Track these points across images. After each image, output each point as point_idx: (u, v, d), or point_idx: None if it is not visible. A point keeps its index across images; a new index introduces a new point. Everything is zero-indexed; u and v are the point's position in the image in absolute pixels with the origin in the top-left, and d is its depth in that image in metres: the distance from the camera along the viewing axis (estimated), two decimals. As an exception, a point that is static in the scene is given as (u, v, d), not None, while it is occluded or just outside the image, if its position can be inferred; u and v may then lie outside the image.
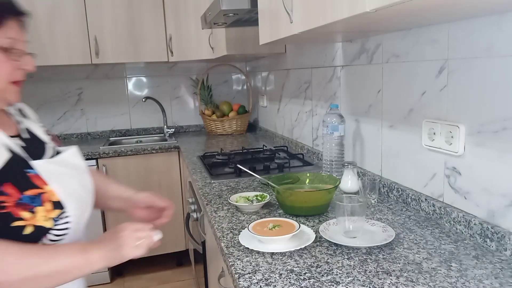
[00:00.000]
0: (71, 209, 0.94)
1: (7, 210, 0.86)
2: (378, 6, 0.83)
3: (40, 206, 0.90)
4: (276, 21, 1.45)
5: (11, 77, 0.92)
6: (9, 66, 0.91)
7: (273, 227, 1.14)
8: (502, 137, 1.01)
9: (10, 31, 0.90)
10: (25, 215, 0.88)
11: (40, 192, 0.91)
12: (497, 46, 1.01)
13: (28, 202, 0.89)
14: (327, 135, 1.62)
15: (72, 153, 1.07)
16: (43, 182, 0.92)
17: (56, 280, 0.87)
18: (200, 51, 2.84)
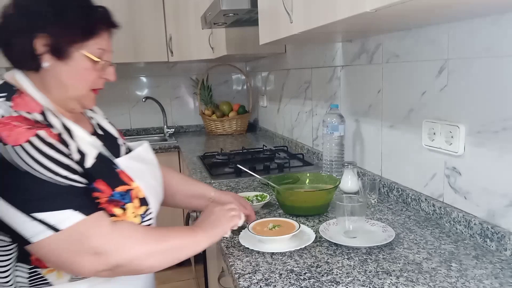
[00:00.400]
0: (152, 205, 0.97)
1: (101, 206, 0.89)
2: (378, 6, 0.83)
3: (130, 202, 0.92)
4: (276, 21, 1.45)
5: (93, 85, 0.96)
6: (94, 75, 0.94)
7: (273, 227, 1.14)
8: (502, 137, 1.01)
9: (102, 41, 0.93)
10: (117, 211, 0.90)
11: (128, 188, 0.93)
12: (497, 46, 1.01)
13: (119, 198, 0.91)
14: (327, 135, 1.62)
15: (144, 148, 1.10)
16: (130, 179, 0.94)
17: (169, 259, 0.91)
18: (200, 51, 2.84)
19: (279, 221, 1.18)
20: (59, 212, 0.80)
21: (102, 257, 0.83)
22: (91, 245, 0.82)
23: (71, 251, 0.82)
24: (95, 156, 0.92)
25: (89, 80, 0.94)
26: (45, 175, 0.81)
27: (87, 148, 0.92)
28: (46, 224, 0.80)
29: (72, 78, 0.92)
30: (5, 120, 0.81)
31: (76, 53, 0.90)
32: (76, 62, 0.91)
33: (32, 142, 0.81)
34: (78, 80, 0.92)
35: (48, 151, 0.82)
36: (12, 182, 0.79)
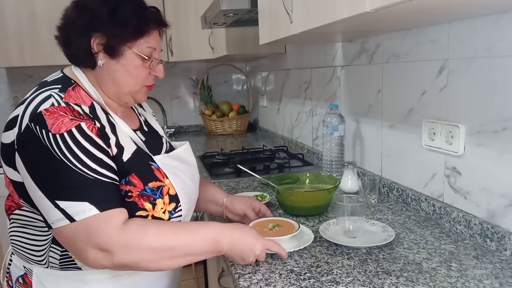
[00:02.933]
0: (183, 203, 1.00)
1: (132, 200, 0.93)
2: (378, 6, 0.83)
3: (160, 198, 0.96)
4: (276, 21, 1.45)
5: (144, 81, 1.02)
6: (144, 72, 1.00)
7: (273, 227, 1.13)
8: (502, 137, 1.01)
9: (152, 40, 0.99)
10: (147, 205, 0.94)
11: (160, 185, 0.97)
12: (497, 46, 1.01)
13: (150, 193, 0.95)
14: (327, 135, 1.62)
15: (184, 148, 1.15)
16: (163, 176, 0.98)
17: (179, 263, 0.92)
18: (200, 51, 2.84)
19: (278, 221, 1.17)
20: (78, 203, 0.84)
21: (107, 254, 0.85)
22: (97, 241, 0.84)
23: (81, 242, 0.85)
24: (133, 151, 0.97)
25: (140, 77, 1.00)
26: (76, 165, 0.85)
27: (127, 142, 0.97)
28: (65, 213, 0.84)
29: (124, 75, 0.98)
30: (54, 109, 0.87)
31: (128, 51, 0.96)
32: (128, 60, 0.97)
33: (72, 132, 0.86)
34: (130, 77, 0.99)
35: (84, 143, 0.87)
36: (46, 167, 0.85)
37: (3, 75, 3.13)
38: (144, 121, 1.15)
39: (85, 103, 0.93)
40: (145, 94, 1.05)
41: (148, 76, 1.02)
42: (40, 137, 0.84)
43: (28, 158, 0.86)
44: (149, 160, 0.99)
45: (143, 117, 1.16)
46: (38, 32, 2.71)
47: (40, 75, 3.10)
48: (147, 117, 1.18)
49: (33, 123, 0.85)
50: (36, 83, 1.01)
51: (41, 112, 0.86)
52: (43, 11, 2.71)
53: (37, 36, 2.71)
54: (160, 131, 1.17)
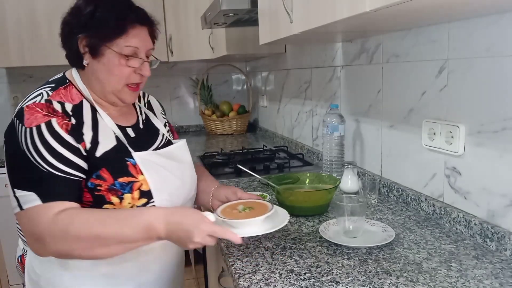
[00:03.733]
0: (160, 200, 1.02)
1: (101, 193, 0.97)
2: (378, 6, 0.83)
3: (129, 193, 0.98)
4: (276, 21, 1.45)
5: (128, 80, 1.03)
6: (127, 70, 1.02)
7: (243, 209, 1.06)
8: (502, 137, 1.01)
9: (132, 39, 1.00)
10: (115, 200, 0.97)
11: (132, 180, 1.00)
12: (497, 46, 1.01)
13: (119, 188, 0.98)
14: (327, 135, 1.62)
15: (178, 146, 1.18)
16: (138, 172, 1.01)
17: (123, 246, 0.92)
18: (200, 51, 2.84)
19: (252, 203, 1.09)
20: (27, 193, 0.90)
21: (41, 244, 0.90)
22: (34, 230, 0.90)
23: (25, 231, 0.92)
24: (111, 147, 1.01)
25: (122, 76, 1.02)
26: (35, 158, 0.91)
27: (107, 139, 1.01)
28: (18, 202, 0.92)
29: (106, 74, 1.01)
30: (34, 105, 0.95)
31: (107, 50, 0.99)
32: (108, 60, 1.00)
33: (40, 127, 0.92)
34: (110, 76, 1.01)
35: (48, 138, 0.93)
36: (14, 157, 0.94)
37: (3, 75, 3.13)
38: (145, 119, 1.18)
39: (73, 101, 1.01)
40: (131, 94, 1.06)
41: (133, 74, 1.03)
42: (17, 130, 0.93)
43: (7, 148, 0.95)
44: (127, 156, 1.02)
45: (144, 115, 1.19)
46: (38, 32, 2.71)
47: (40, 75, 3.11)
48: (150, 115, 1.21)
49: (15, 118, 0.94)
50: (36, 83, 1.06)
51: (23, 108, 0.94)
52: (43, 11, 2.71)
53: (37, 36, 2.71)
54: (162, 129, 1.20)
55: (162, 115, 1.28)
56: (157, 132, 1.18)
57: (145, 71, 1.05)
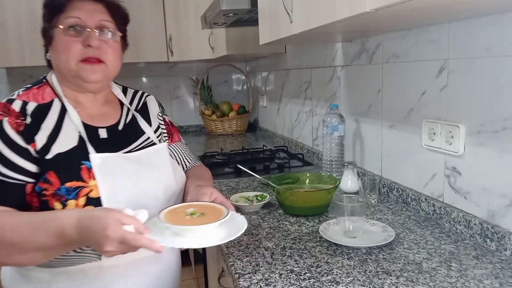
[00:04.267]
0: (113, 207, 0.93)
1: (46, 198, 0.92)
2: (378, 6, 0.83)
3: (74, 199, 0.92)
4: (276, 21, 1.45)
5: (80, 55, 0.97)
6: (72, 44, 0.97)
7: (191, 213, 0.92)
8: (502, 137, 1.01)
9: (73, 11, 0.98)
10: (57, 206, 0.92)
11: (80, 185, 0.94)
12: (497, 46, 1.01)
13: (64, 193, 0.92)
14: (327, 135, 1.62)
15: (155, 150, 1.10)
16: (91, 176, 0.95)
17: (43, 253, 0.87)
18: (200, 51, 2.84)
19: (203, 207, 0.95)
20: None
21: None
22: None
23: None
24: (68, 148, 0.96)
25: (69, 51, 0.97)
26: None
27: (67, 140, 0.97)
28: None
29: (57, 56, 0.99)
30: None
31: (55, 31, 0.99)
32: (56, 41, 0.99)
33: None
34: (61, 55, 0.98)
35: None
36: None
37: (3, 75, 3.13)
38: (129, 120, 1.11)
39: (43, 100, 1.00)
40: (90, 70, 0.99)
41: (82, 48, 0.97)
42: None
43: None
44: (83, 159, 0.96)
45: (130, 116, 1.12)
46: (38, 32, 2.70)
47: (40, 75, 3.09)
48: (138, 117, 1.13)
49: None
50: None
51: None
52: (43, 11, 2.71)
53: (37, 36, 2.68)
54: (149, 132, 1.12)
55: (159, 117, 1.20)
56: (139, 134, 1.10)
57: (91, 41, 0.97)
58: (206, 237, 0.87)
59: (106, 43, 1.01)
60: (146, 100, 1.21)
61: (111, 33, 1.02)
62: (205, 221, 0.87)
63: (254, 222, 1.27)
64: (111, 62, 1.02)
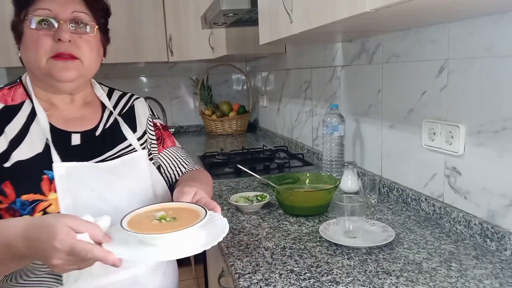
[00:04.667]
0: None
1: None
2: (378, 6, 0.83)
3: (29, 215, 0.82)
4: (276, 21, 1.45)
5: (50, 51, 0.87)
6: (42, 39, 0.87)
7: (160, 218, 0.78)
8: (502, 137, 1.01)
9: (43, 2, 0.88)
10: None
11: (37, 199, 0.83)
12: (497, 46, 1.01)
13: (18, 208, 0.82)
14: (327, 135, 1.62)
15: (132, 158, 0.97)
16: (51, 189, 0.85)
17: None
18: (200, 51, 2.84)
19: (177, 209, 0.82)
20: None
21: None
22: None
23: None
24: (31, 155, 0.86)
25: (41, 47, 0.87)
26: None
27: (30, 145, 0.87)
28: None
29: (27, 51, 0.90)
30: None
31: (24, 26, 0.90)
32: (25, 36, 0.90)
33: None
34: (30, 50, 0.89)
35: None
36: None
37: (3, 75, 3.13)
38: (110, 125, 1.00)
39: (13, 101, 0.91)
40: (61, 68, 0.88)
41: (53, 43, 0.87)
42: None
43: None
44: (46, 168, 0.85)
45: (111, 121, 1.01)
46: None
47: (40, 75, 3.10)
48: (121, 121, 1.02)
49: None
50: None
51: None
52: (43, 11, 2.71)
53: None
54: (131, 139, 1.01)
55: (148, 122, 1.09)
56: (119, 141, 0.99)
57: (62, 34, 0.86)
58: (176, 247, 0.73)
59: (81, 37, 0.90)
60: (134, 104, 1.09)
61: (87, 26, 0.91)
62: (176, 226, 0.74)
63: (254, 222, 1.27)
64: (87, 58, 0.91)
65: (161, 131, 1.14)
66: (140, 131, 1.06)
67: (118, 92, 1.11)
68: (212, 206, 0.84)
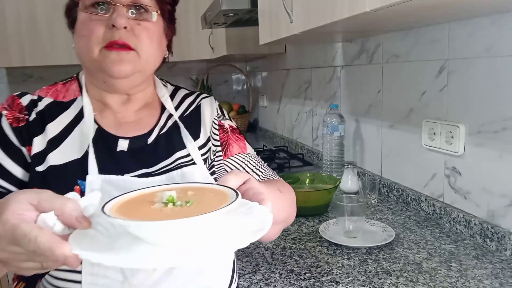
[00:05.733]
0: None
1: None
2: (378, 6, 0.83)
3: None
4: (276, 21, 1.45)
5: (103, 39, 0.74)
6: (93, 25, 0.74)
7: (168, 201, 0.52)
8: (502, 137, 1.01)
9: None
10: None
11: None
12: (497, 46, 1.01)
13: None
14: (327, 135, 1.62)
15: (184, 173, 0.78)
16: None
17: None
18: (200, 51, 2.84)
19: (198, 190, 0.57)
20: None
21: None
22: None
23: None
24: (68, 160, 0.75)
25: (93, 35, 0.74)
26: None
27: (71, 148, 0.76)
28: None
29: (79, 40, 0.76)
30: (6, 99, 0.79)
31: (78, 11, 0.77)
32: (78, 22, 0.77)
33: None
34: (81, 39, 0.76)
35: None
36: None
37: (3, 75, 3.12)
38: (167, 130, 0.83)
39: (64, 98, 0.80)
40: (114, 61, 0.73)
41: (106, 30, 0.74)
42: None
43: None
44: (80, 178, 0.73)
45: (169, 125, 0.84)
46: (38, 32, 2.71)
47: (40, 75, 3.11)
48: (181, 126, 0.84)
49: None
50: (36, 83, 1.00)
51: None
52: (43, 11, 2.71)
53: (37, 36, 2.71)
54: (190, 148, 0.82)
55: (213, 125, 0.89)
56: (175, 149, 0.82)
57: (117, 19, 0.72)
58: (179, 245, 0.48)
59: (139, 24, 0.76)
60: (200, 103, 0.90)
61: (148, 12, 0.76)
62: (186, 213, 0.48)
63: (254, 222, 1.27)
64: (145, 50, 0.76)
65: (228, 135, 0.91)
66: (204, 138, 0.86)
67: (184, 91, 0.93)
68: (260, 198, 0.59)
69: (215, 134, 0.89)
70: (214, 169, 0.87)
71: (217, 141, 0.89)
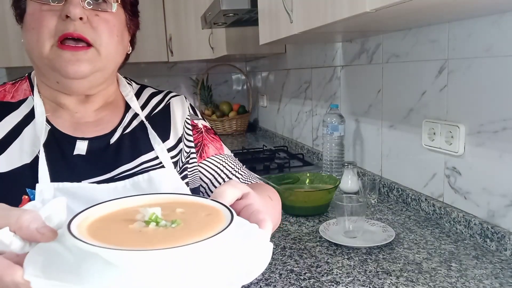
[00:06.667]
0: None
1: None
2: (378, 6, 0.83)
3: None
4: (276, 21, 1.45)
5: (55, 32, 0.64)
6: (45, 17, 0.64)
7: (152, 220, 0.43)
8: (502, 137, 1.01)
9: None
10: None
11: None
12: (497, 46, 1.01)
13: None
14: (327, 135, 1.62)
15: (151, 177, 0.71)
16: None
17: None
18: (200, 51, 2.84)
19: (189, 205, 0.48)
20: None
21: None
22: None
23: None
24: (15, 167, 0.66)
25: (43, 26, 0.64)
26: None
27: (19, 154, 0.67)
28: None
29: (28, 33, 0.67)
30: None
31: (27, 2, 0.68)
32: (27, 14, 0.68)
33: None
34: (32, 31, 0.66)
35: None
36: None
37: (3, 75, 3.13)
38: (131, 131, 0.76)
39: (13, 98, 0.72)
40: (69, 60, 0.64)
41: (59, 22, 0.64)
42: None
43: None
44: (29, 186, 0.65)
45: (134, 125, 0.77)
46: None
47: (40, 75, 3.10)
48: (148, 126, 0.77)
49: None
50: None
51: None
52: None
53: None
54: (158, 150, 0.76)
55: (186, 125, 0.82)
56: (141, 152, 0.74)
57: (70, 9, 0.63)
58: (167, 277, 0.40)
59: (97, 15, 0.67)
60: (170, 102, 0.83)
61: (107, 2, 0.68)
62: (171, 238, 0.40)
63: (254, 222, 1.27)
64: (105, 45, 0.67)
65: (203, 135, 0.85)
66: (174, 138, 0.79)
67: (151, 89, 0.86)
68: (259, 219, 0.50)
69: (188, 135, 0.82)
70: (186, 173, 0.80)
71: (191, 142, 0.82)
